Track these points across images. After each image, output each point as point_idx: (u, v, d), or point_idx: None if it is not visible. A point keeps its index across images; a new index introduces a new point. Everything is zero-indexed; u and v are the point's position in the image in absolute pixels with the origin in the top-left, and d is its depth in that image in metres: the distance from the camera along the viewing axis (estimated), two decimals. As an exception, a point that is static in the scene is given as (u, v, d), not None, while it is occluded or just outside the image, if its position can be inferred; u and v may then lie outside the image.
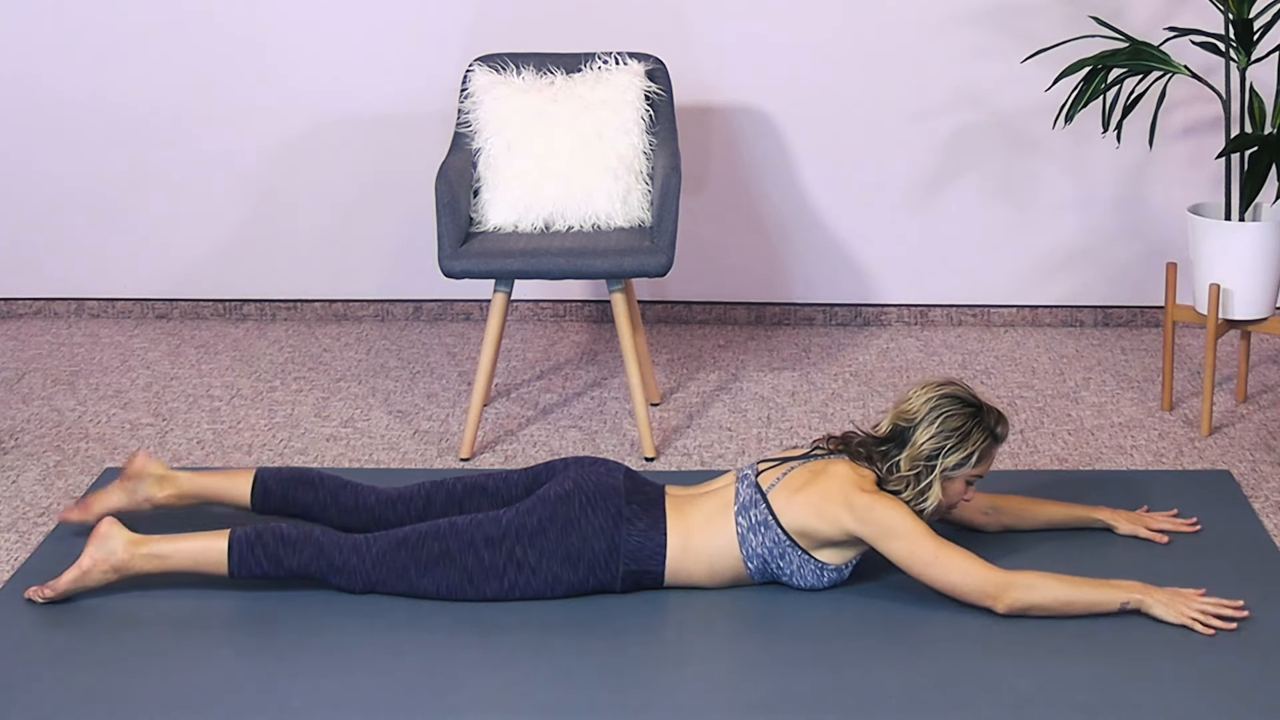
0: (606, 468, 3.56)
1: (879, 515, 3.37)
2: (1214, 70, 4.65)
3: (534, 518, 3.46)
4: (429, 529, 3.49)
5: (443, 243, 4.27)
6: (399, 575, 3.47)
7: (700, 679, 3.25)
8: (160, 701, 3.17)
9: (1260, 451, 4.30)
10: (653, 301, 5.36)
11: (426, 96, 5.18)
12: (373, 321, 5.42)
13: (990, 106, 5.12)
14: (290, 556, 3.47)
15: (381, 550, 3.48)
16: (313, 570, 3.48)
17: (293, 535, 3.48)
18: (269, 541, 3.47)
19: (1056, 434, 4.44)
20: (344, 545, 3.49)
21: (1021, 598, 3.35)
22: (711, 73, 5.15)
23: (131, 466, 3.76)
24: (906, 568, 3.40)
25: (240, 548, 3.47)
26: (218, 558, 3.48)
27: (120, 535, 3.49)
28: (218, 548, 3.48)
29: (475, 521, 3.48)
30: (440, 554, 3.46)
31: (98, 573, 3.48)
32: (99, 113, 5.29)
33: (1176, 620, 3.35)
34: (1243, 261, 4.35)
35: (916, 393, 3.48)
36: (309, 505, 3.69)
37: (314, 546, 3.48)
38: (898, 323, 5.32)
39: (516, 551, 3.46)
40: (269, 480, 3.72)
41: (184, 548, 3.50)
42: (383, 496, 3.68)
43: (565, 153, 4.46)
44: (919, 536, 3.37)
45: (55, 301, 5.50)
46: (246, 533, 3.48)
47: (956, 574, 3.36)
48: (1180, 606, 3.37)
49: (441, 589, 3.47)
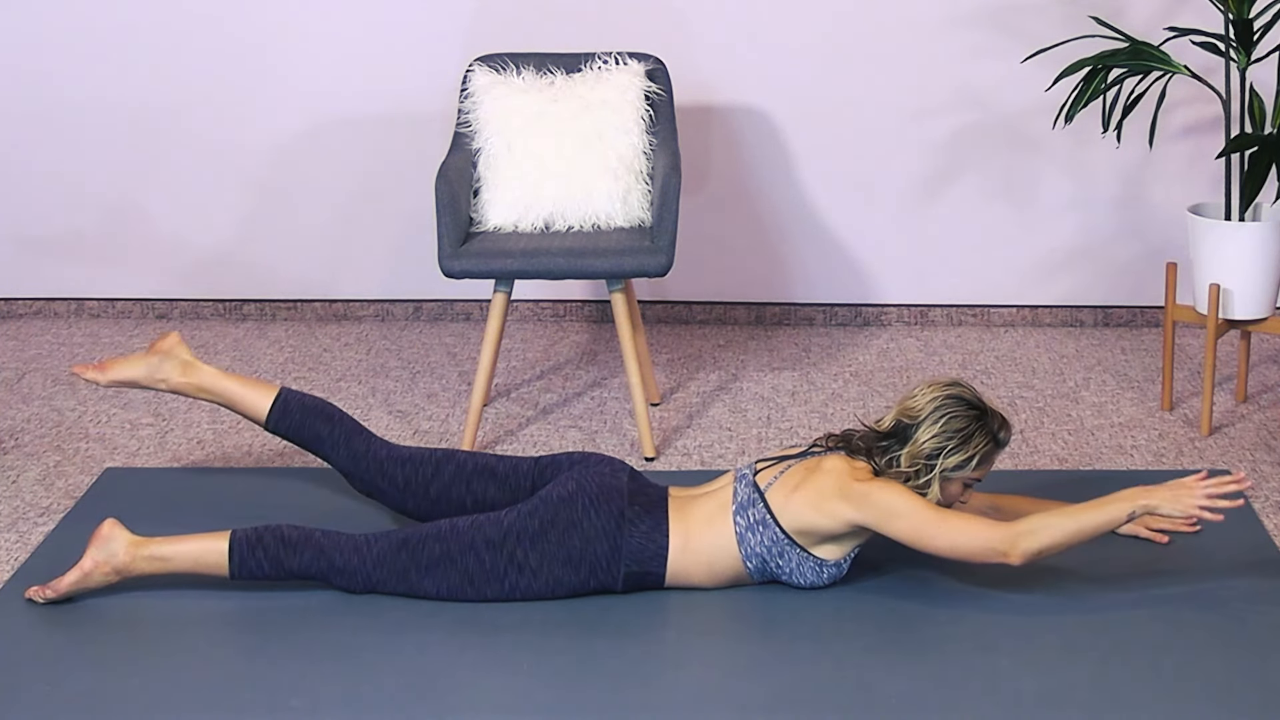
0: (612, 468, 3.56)
1: (877, 498, 3.37)
2: (1214, 70, 4.65)
3: (535, 520, 3.46)
4: (430, 530, 3.49)
5: (443, 243, 4.28)
6: (399, 576, 3.48)
7: (700, 679, 3.25)
8: (160, 701, 3.17)
9: (1260, 451, 4.30)
10: (653, 301, 5.37)
11: (426, 96, 5.18)
12: (373, 321, 5.42)
13: (990, 106, 5.12)
14: (291, 558, 3.47)
15: (382, 551, 3.48)
16: (313, 571, 3.48)
17: (293, 537, 3.48)
18: (269, 544, 3.47)
19: (1056, 434, 4.44)
20: (344, 546, 3.49)
21: (1031, 544, 3.31)
22: (711, 73, 5.15)
23: (163, 343, 3.78)
24: (913, 543, 3.38)
25: (241, 550, 3.47)
26: (218, 560, 3.48)
27: (122, 538, 3.50)
28: (218, 550, 3.48)
29: (476, 523, 3.48)
30: (441, 556, 3.46)
31: (99, 574, 3.49)
32: (100, 113, 5.29)
33: (1184, 514, 3.29)
34: (1243, 261, 4.35)
35: (922, 391, 3.48)
36: (321, 438, 3.70)
37: (314, 548, 3.48)
38: (898, 323, 5.32)
39: (518, 554, 3.46)
40: (291, 401, 3.73)
41: (185, 550, 3.50)
42: (394, 453, 3.69)
43: (565, 153, 4.46)
44: (920, 510, 3.35)
45: (55, 301, 5.50)
46: (247, 535, 3.49)
47: (963, 538, 3.34)
48: (1185, 499, 3.30)
49: (442, 590, 3.47)
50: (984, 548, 3.34)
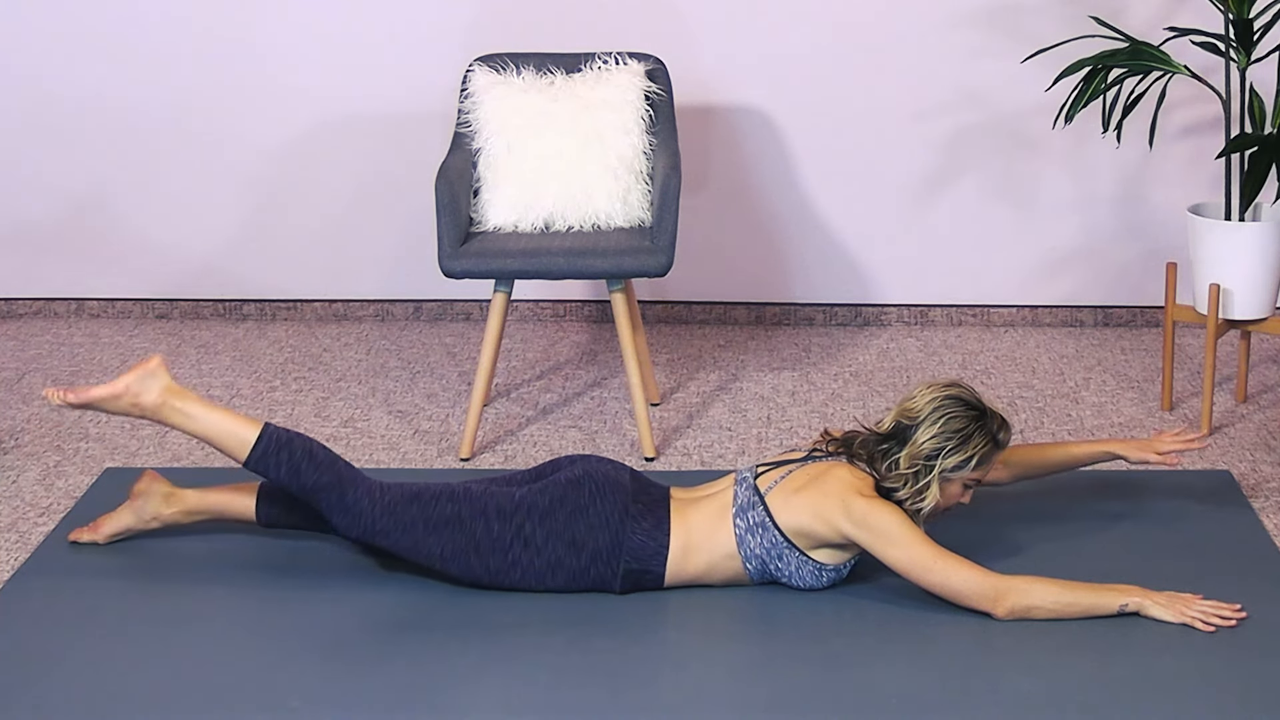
0: (614, 465, 3.57)
1: (876, 521, 3.37)
2: (1214, 70, 4.65)
3: (546, 498, 3.47)
4: (443, 489, 3.48)
5: (443, 243, 4.28)
6: (405, 529, 3.46)
7: (700, 679, 3.25)
8: (160, 701, 3.17)
9: (1260, 451, 4.30)
10: (653, 301, 5.36)
11: (426, 96, 5.18)
12: (373, 321, 5.42)
13: (990, 106, 5.12)
14: (310, 473, 3.45)
15: (394, 500, 3.47)
16: (322, 497, 3.46)
17: (321, 456, 3.47)
18: (297, 450, 3.46)
19: (1056, 434, 4.44)
20: (360, 485, 3.47)
21: (1020, 602, 3.36)
22: (711, 73, 5.15)
23: (138, 485, 3.76)
24: (904, 574, 3.40)
25: (267, 443, 3.46)
26: (240, 444, 3.47)
27: (162, 379, 3.49)
28: (245, 435, 3.47)
29: (489, 491, 3.49)
30: (452, 516, 3.45)
31: (126, 401, 3.48)
32: (99, 113, 5.29)
33: (1176, 620, 3.35)
34: (1243, 261, 4.35)
35: (921, 392, 3.48)
36: (313, 517, 3.69)
37: (334, 474, 3.46)
38: (898, 323, 5.32)
39: (525, 528, 3.45)
40: (273, 494, 3.71)
41: (214, 419, 3.49)
42: None
43: (565, 153, 4.46)
44: (916, 543, 3.37)
45: (55, 301, 5.50)
46: (279, 433, 3.48)
47: (956, 580, 3.36)
48: (1179, 607, 3.37)
49: (446, 551, 3.45)
50: (974, 593, 3.36)
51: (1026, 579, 3.39)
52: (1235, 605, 3.39)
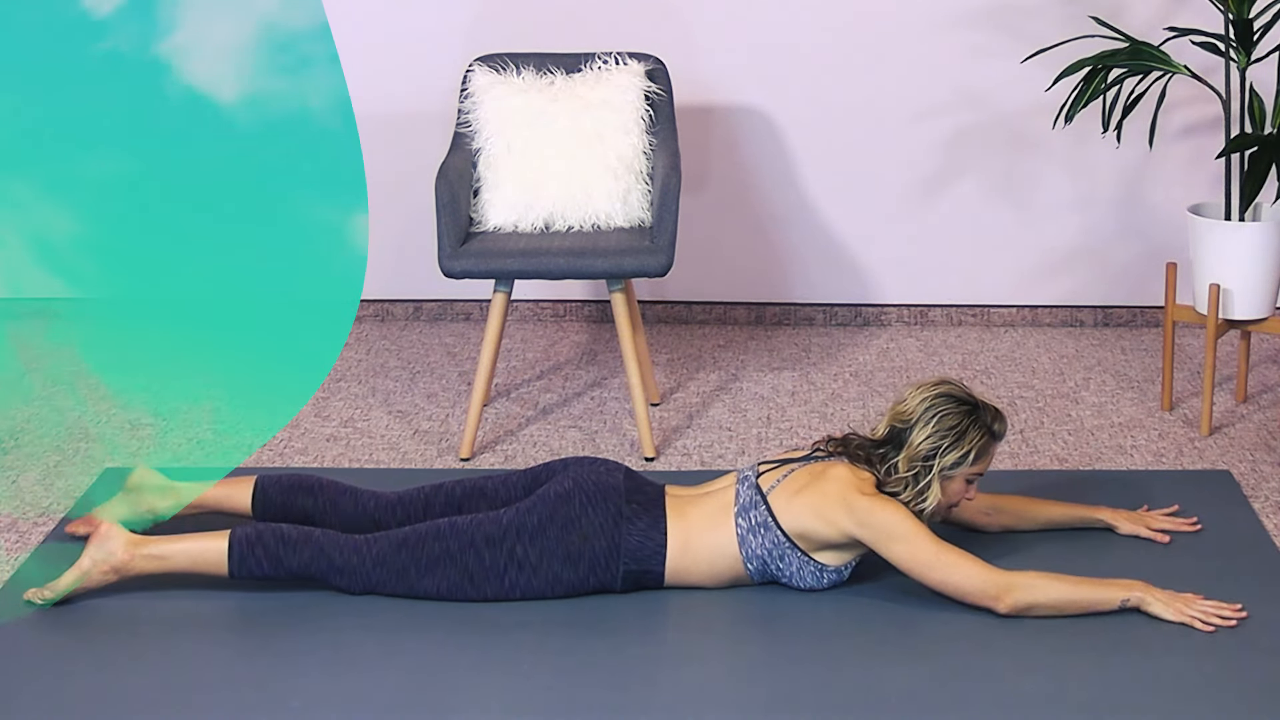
0: (606, 467, 3.56)
1: (878, 518, 3.38)
2: (1214, 70, 4.65)
3: (534, 516, 3.47)
4: (429, 529, 3.49)
5: (443, 243, 4.28)
6: (399, 576, 3.48)
7: (700, 679, 3.25)
8: (160, 701, 3.17)
9: (1260, 451, 4.30)
10: (653, 301, 5.36)
11: (426, 96, 5.18)
12: (373, 321, 5.42)
13: (990, 106, 5.12)
14: (290, 557, 3.47)
15: (382, 551, 3.48)
16: (313, 570, 3.48)
17: (293, 536, 3.49)
18: (269, 542, 3.47)
19: (1056, 434, 4.44)
20: (344, 546, 3.49)
21: (1022, 598, 3.36)
22: (711, 73, 5.15)
23: (133, 479, 3.76)
24: (907, 570, 3.40)
25: (241, 548, 3.47)
26: (218, 558, 3.48)
27: (120, 536, 3.50)
28: (218, 548, 3.48)
29: (475, 521, 3.49)
30: (441, 554, 3.46)
31: (98, 573, 3.49)
32: (99, 113, 5.29)
33: (1176, 618, 3.35)
34: (1243, 261, 4.35)
35: (912, 393, 3.49)
36: (309, 511, 3.69)
37: (314, 547, 3.48)
38: (898, 323, 5.32)
39: (517, 551, 3.46)
40: (269, 487, 3.72)
41: (184, 548, 3.50)
42: (381, 501, 3.69)
43: (565, 153, 4.46)
44: (919, 539, 3.37)
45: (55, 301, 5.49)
46: (246, 533, 3.49)
47: (958, 576, 3.36)
48: (1179, 606, 3.37)
49: (442, 589, 3.47)
50: (977, 589, 3.37)
51: (1029, 574, 3.40)
52: (1235, 605, 3.39)
